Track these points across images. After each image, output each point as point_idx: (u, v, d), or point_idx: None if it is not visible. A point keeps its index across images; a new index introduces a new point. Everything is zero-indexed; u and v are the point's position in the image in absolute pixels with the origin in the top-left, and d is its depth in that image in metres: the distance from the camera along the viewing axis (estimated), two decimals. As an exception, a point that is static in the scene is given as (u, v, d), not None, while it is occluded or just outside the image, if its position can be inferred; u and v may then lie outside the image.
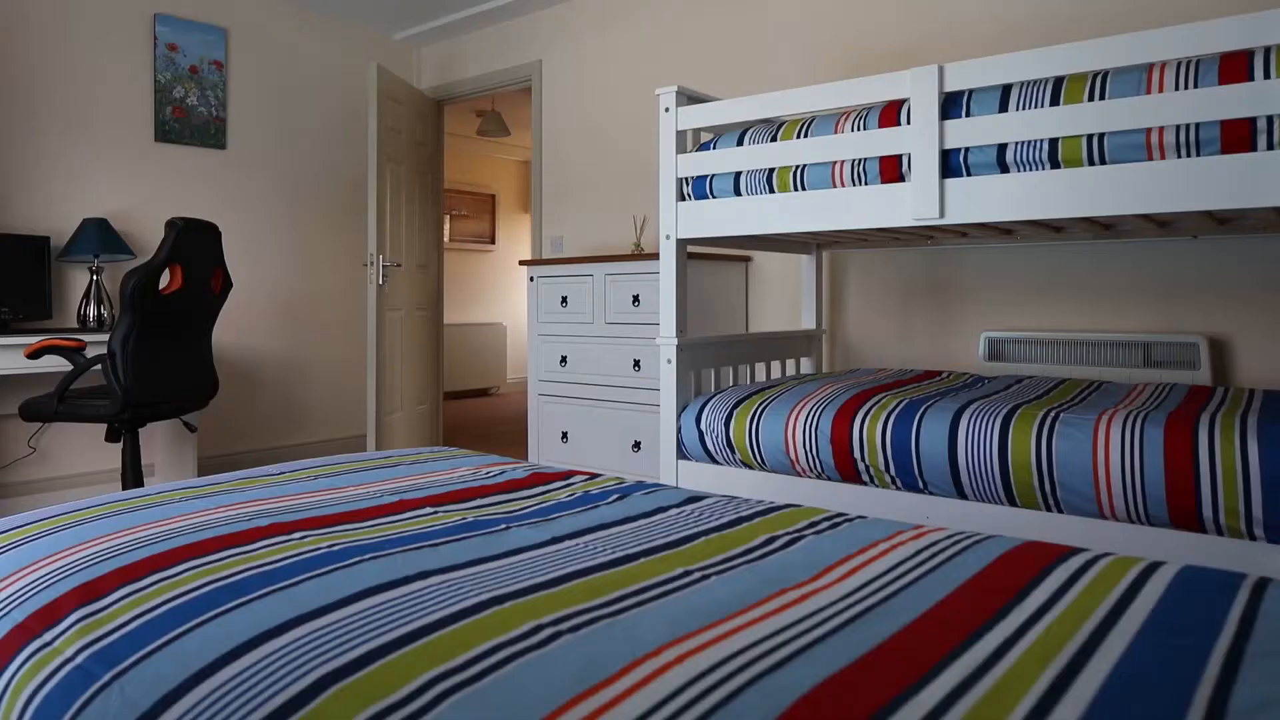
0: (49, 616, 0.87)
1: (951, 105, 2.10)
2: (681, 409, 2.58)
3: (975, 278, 3.07)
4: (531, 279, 3.83)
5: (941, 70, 2.09)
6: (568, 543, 1.01)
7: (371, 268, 4.18)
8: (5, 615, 0.90)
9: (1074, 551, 0.96)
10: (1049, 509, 1.94)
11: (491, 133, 6.19)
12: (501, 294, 8.27)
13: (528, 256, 8.56)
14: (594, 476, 1.40)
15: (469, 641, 0.71)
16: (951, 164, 2.09)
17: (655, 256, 3.37)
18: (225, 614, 0.80)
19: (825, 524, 1.10)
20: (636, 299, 3.44)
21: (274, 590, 0.85)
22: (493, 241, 8.12)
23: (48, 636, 0.83)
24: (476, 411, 6.80)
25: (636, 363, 3.44)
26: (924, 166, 2.10)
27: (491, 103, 6.15)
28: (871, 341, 3.36)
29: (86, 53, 3.74)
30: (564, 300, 3.71)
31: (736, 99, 2.48)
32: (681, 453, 2.57)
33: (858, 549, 0.97)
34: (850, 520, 1.12)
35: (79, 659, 0.78)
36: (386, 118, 4.29)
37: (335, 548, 0.97)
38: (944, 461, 2.05)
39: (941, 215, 2.09)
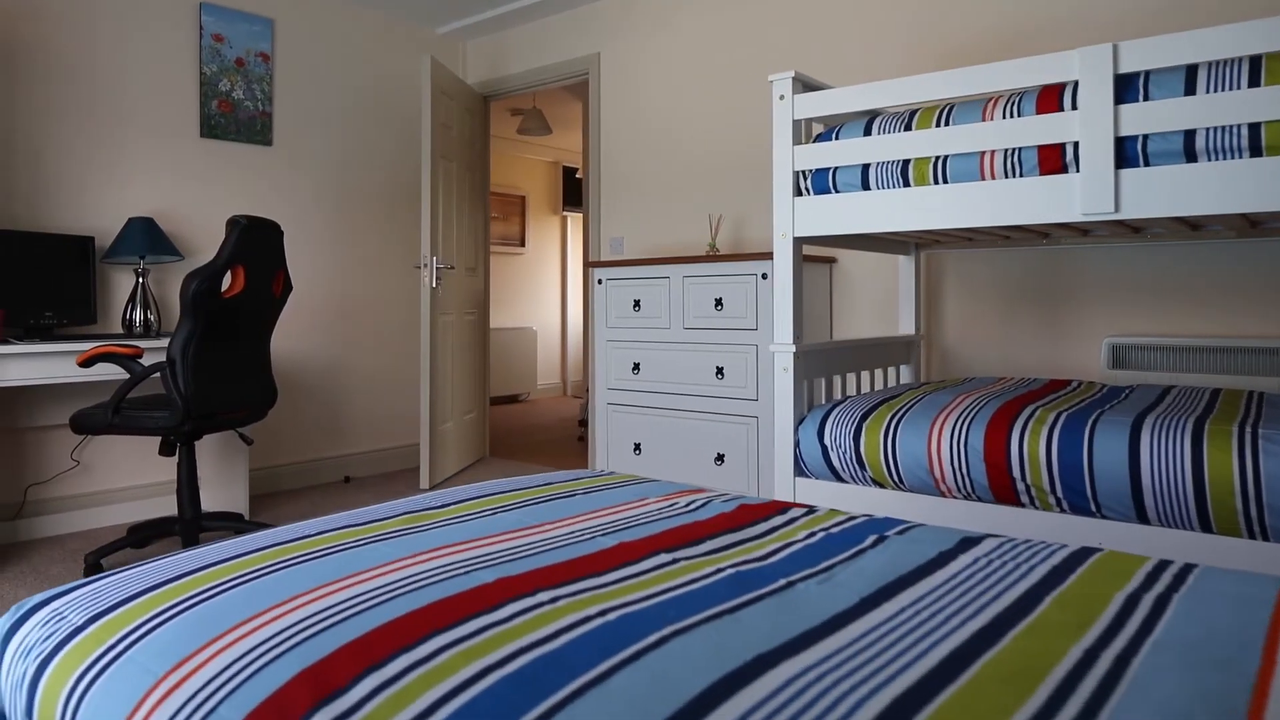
0: (278, 717, 0.66)
1: (1125, 88, 1.90)
2: (799, 421, 2.38)
3: (1095, 279, 2.87)
4: (600, 281, 3.63)
5: (1116, 49, 1.89)
6: (887, 608, 0.81)
7: (425, 270, 3.98)
8: (211, 711, 0.69)
9: None
10: (1253, 536, 1.74)
11: (533, 131, 5.98)
12: (531, 298, 8.07)
13: (558, 259, 8.36)
14: (811, 510, 1.20)
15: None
16: (1127, 153, 1.89)
17: (737, 258, 3.17)
18: (543, 725, 0.60)
19: (1168, 576, 0.90)
20: (719, 302, 3.24)
21: (585, 686, 0.64)
22: (522, 244, 7.92)
23: (290, 751, 0.63)
24: (510, 419, 6.60)
25: (720, 370, 3.23)
26: (1096, 156, 1.90)
27: (533, 100, 5.95)
28: (972, 348, 3.16)
29: (131, 43, 3.54)
30: (636, 304, 3.51)
31: (863, 85, 2.28)
32: (800, 469, 2.37)
33: (1270, 618, 0.77)
34: (1192, 569, 0.92)
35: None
36: (439, 113, 4.09)
37: (610, 616, 0.77)
38: (1124, 481, 1.85)
39: (1117, 209, 1.90)
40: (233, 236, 2.74)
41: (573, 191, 8.34)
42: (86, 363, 2.71)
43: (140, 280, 3.39)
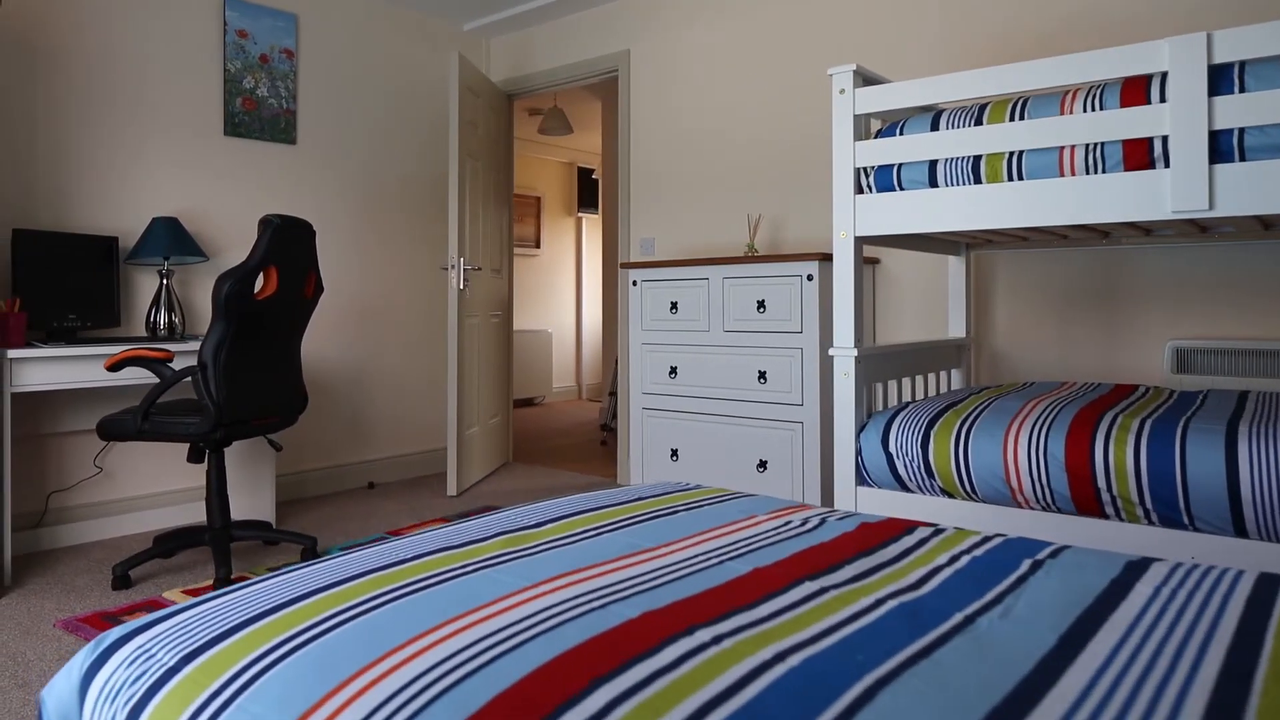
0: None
1: (1219, 79, 1.81)
2: (860, 428, 2.29)
3: (1156, 280, 2.78)
4: (635, 283, 3.54)
5: (1210, 39, 1.80)
6: (1096, 650, 0.72)
7: (453, 271, 3.89)
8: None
9: None
10: (1364, 551, 1.65)
11: (554, 131, 5.89)
12: (547, 300, 7.98)
13: (573, 261, 8.27)
14: (939, 529, 1.11)
15: None
16: (1221, 147, 1.80)
17: (780, 258, 3.08)
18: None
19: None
20: (762, 304, 3.15)
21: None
22: (538, 245, 7.83)
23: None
24: (529, 423, 6.50)
25: (762, 374, 3.14)
26: (1188, 150, 1.81)
27: (554, 99, 5.86)
28: (1024, 351, 3.06)
29: (153, 40, 3.45)
30: (673, 306, 3.41)
31: (930, 78, 2.19)
32: (862, 478, 2.28)
33: None
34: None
35: None
36: (465, 111, 4.00)
37: (792, 662, 0.68)
38: (1221, 492, 1.75)
39: (1211, 206, 1.81)
40: (265, 236, 2.65)
41: (588, 193, 8.25)
42: (115, 366, 2.62)
43: (164, 282, 3.30)
